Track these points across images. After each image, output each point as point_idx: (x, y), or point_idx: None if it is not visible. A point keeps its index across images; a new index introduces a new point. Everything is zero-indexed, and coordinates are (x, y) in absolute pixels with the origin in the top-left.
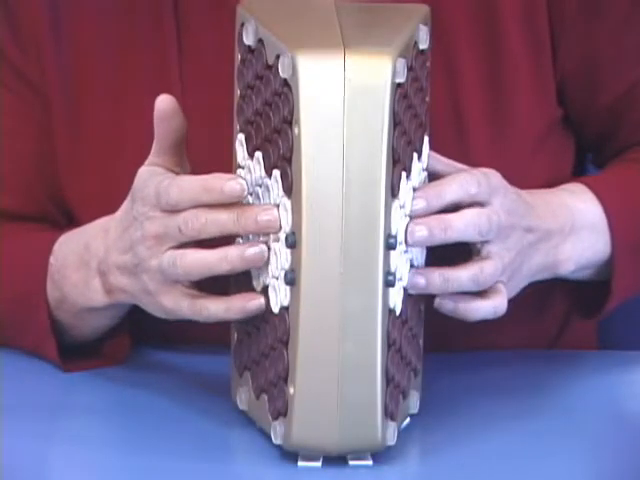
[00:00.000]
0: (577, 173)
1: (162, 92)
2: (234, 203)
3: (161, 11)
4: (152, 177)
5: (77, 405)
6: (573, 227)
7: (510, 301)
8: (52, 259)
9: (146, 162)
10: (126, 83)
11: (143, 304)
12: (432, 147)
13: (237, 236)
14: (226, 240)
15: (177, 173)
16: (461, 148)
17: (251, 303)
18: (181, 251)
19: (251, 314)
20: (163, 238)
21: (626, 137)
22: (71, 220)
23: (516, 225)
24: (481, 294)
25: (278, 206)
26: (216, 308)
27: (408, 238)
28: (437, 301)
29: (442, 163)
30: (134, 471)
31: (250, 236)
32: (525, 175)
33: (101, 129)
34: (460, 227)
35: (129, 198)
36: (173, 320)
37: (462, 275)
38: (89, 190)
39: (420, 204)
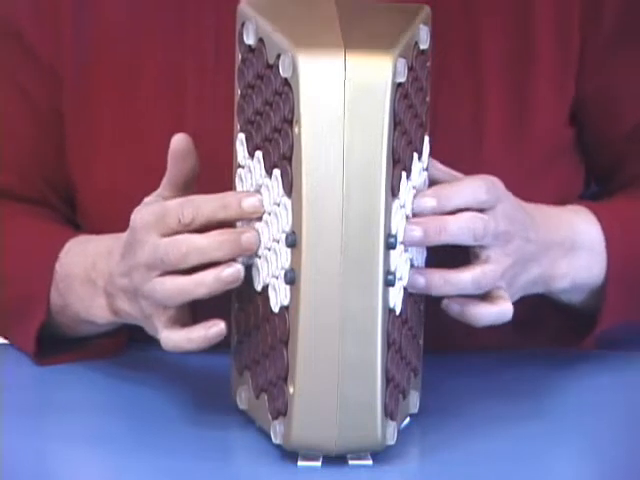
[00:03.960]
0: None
1: (177, 84)
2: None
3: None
4: (153, 204)
5: (76, 404)
6: (573, 245)
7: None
8: (57, 266)
9: (153, 193)
10: (142, 70)
11: (146, 329)
12: (449, 153)
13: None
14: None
15: None
16: (477, 156)
17: (212, 330)
18: (160, 279)
19: (214, 341)
20: (151, 266)
21: (636, 169)
22: (71, 206)
23: (516, 233)
24: (486, 300)
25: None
26: (178, 338)
27: (403, 237)
28: (445, 302)
29: (441, 171)
30: (133, 471)
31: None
32: (534, 192)
33: (113, 114)
34: (454, 230)
35: (130, 224)
36: None
37: (463, 277)
38: (98, 179)
39: (430, 203)
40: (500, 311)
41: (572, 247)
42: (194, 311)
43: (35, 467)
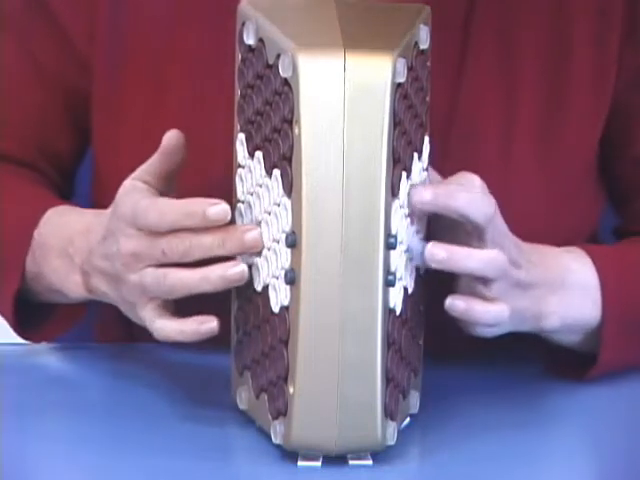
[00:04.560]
0: None
1: (209, 77)
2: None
3: None
4: (132, 193)
5: (76, 404)
6: (563, 283)
7: None
8: (36, 234)
9: (133, 175)
10: (175, 62)
11: (123, 310)
12: (476, 159)
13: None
14: None
15: (161, 193)
16: (503, 165)
17: (204, 326)
18: (163, 270)
19: (205, 336)
20: (141, 257)
21: None
22: (63, 175)
23: (506, 248)
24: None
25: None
26: (170, 329)
27: (412, 199)
28: (448, 302)
29: (436, 180)
30: (133, 471)
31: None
32: (559, 216)
33: (143, 104)
34: (464, 200)
35: (111, 208)
36: None
37: (484, 254)
38: (123, 164)
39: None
40: (498, 310)
41: (562, 285)
42: (195, 311)
43: (35, 467)
